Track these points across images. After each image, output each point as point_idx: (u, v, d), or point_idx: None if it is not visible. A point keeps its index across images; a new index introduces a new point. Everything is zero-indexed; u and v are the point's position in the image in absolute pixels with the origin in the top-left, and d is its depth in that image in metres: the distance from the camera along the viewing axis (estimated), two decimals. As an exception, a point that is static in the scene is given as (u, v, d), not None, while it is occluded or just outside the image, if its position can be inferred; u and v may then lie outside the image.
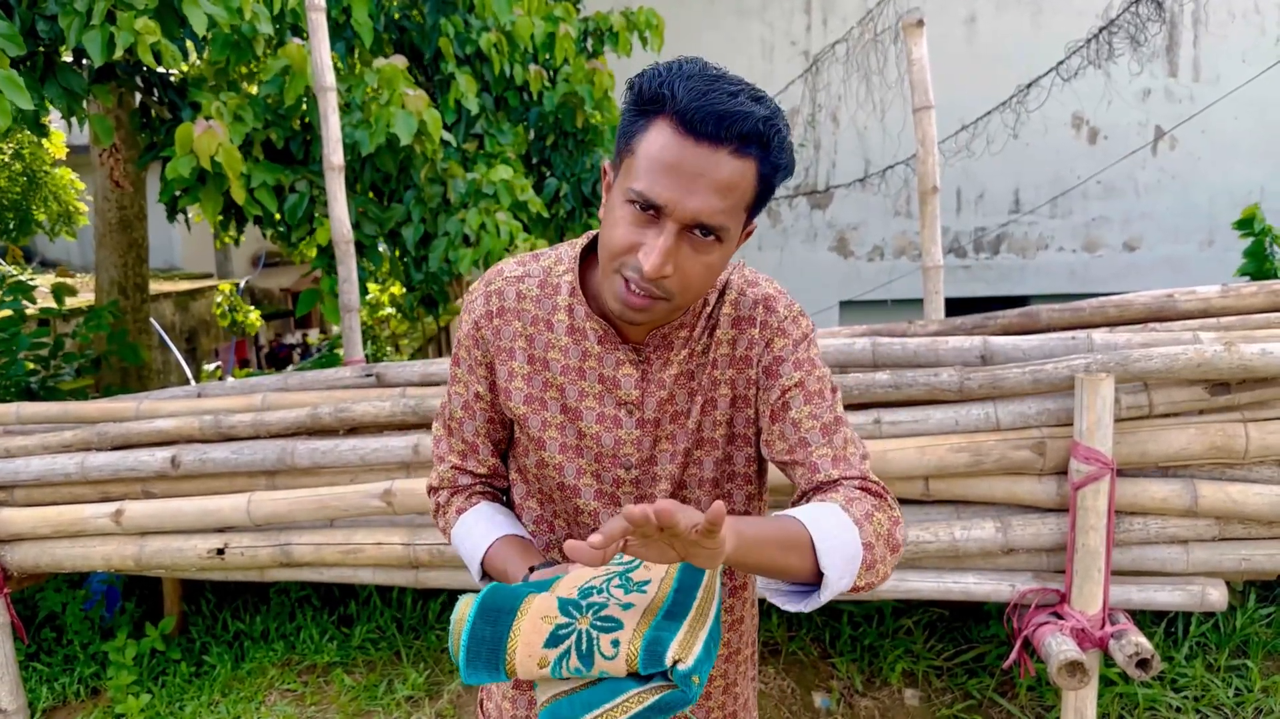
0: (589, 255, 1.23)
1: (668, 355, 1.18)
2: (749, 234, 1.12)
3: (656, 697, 0.92)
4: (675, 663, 0.91)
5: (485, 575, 1.27)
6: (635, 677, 0.93)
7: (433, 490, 1.36)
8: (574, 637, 0.94)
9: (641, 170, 1.00)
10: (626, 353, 1.17)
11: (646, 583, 1.01)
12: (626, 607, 0.97)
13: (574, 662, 0.93)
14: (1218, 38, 7.01)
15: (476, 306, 1.22)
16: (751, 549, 0.93)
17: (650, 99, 1.00)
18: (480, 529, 1.26)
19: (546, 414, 1.20)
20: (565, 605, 0.97)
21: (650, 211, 1.01)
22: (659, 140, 0.99)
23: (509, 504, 1.36)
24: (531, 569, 1.15)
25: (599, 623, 0.95)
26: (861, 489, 1.12)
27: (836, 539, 1.00)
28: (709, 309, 1.19)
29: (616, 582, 1.02)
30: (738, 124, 0.97)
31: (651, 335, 1.17)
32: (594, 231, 1.22)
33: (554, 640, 0.94)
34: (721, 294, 1.21)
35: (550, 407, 1.20)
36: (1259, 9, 6.97)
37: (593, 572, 1.05)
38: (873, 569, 1.05)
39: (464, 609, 1.01)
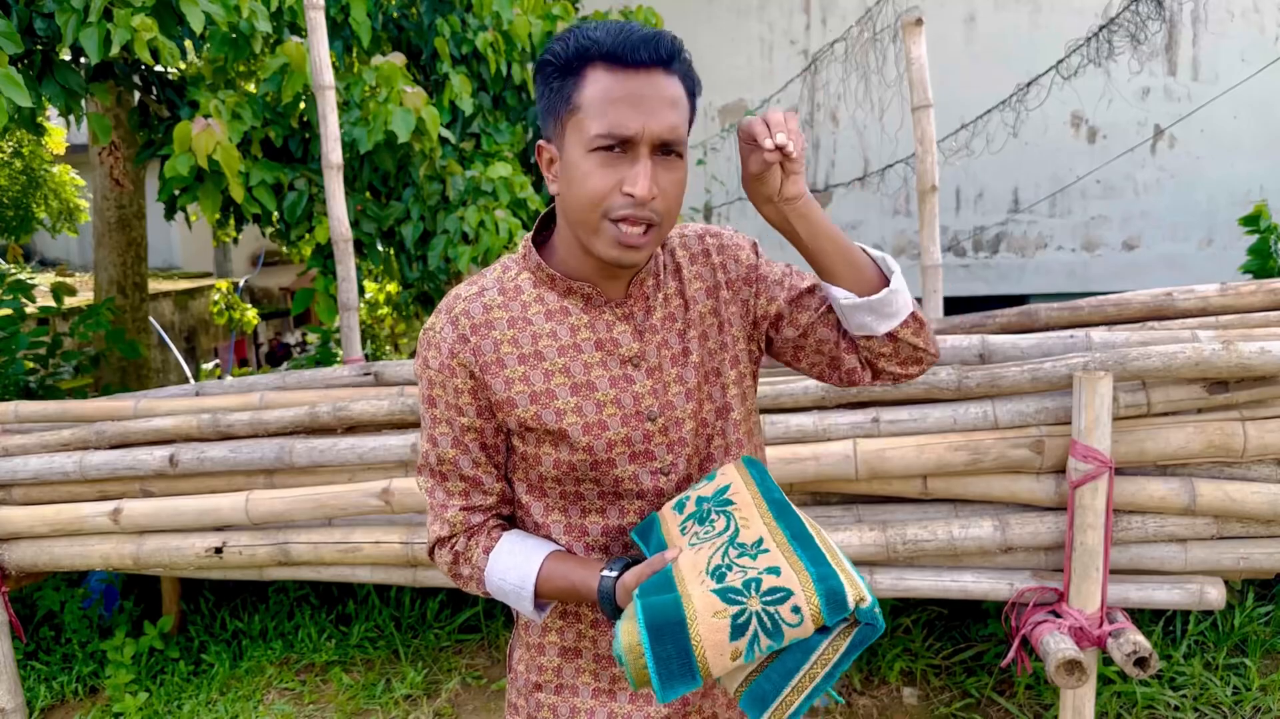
0: (541, 248, 1.27)
1: (647, 304, 1.24)
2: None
3: (848, 640, 0.96)
4: (858, 603, 0.94)
5: (539, 603, 1.23)
6: (819, 630, 0.96)
7: (443, 542, 1.28)
8: (754, 620, 0.95)
9: (596, 115, 1.07)
10: (613, 310, 1.22)
11: (761, 541, 1.03)
12: (773, 570, 0.98)
13: (765, 641, 0.95)
14: (1217, 36, 7.00)
15: (446, 336, 1.20)
16: (820, 217, 1.18)
17: (575, 55, 1.08)
18: (519, 558, 1.22)
19: (558, 403, 1.19)
20: (725, 594, 0.98)
21: (618, 149, 1.07)
22: (601, 83, 1.07)
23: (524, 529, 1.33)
24: (610, 573, 1.13)
25: (767, 597, 0.96)
26: None
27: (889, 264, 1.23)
28: (662, 257, 1.27)
29: (735, 553, 1.03)
30: (660, 44, 1.08)
31: (630, 287, 1.22)
32: (530, 233, 1.26)
33: (737, 631, 0.95)
34: (665, 244, 1.29)
35: (560, 394, 1.20)
36: (1258, 8, 6.97)
37: (697, 556, 1.05)
38: (918, 317, 1.23)
39: (630, 638, 0.99)
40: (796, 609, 0.94)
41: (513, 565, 1.21)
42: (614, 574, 1.13)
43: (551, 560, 1.20)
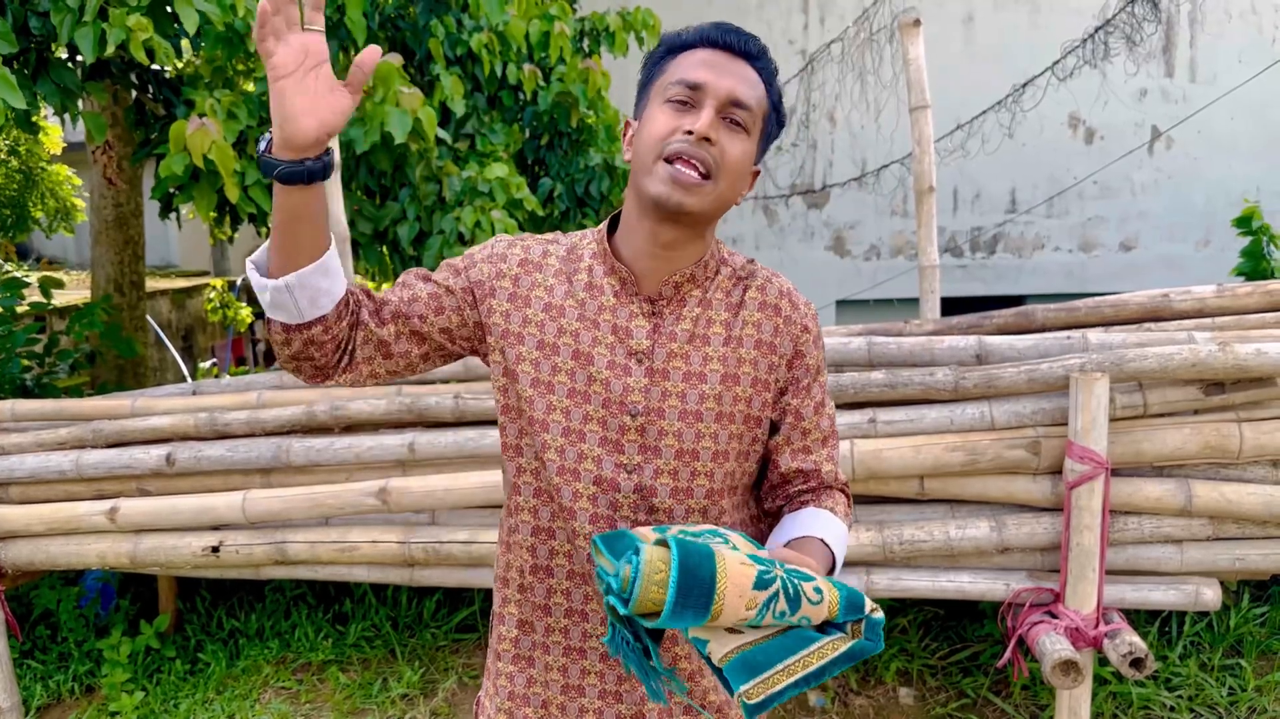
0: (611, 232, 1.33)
1: (680, 310, 1.26)
2: (755, 175, 1.28)
3: (848, 645, 0.98)
4: (872, 611, 1.00)
5: (275, 262, 1.15)
6: (821, 628, 0.99)
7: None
8: (778, 582, 0.96)
9: (678, 71, 1.19)
10: (640, 305, 1.25)
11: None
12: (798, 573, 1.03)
13: (781, 604, 0.96)
14: (1214, 38, 7.02)
15: (500, 251, 1.29)
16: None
17: (682, 41, 1.22)
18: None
19: (557, 359, 1.24)
20: (754, 559, 0.99)
21: (688, 104, 1.17)
22: (694, 56, 1.20)
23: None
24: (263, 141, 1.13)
25: (793, 574, 0.98)
26: (841, 491, 1.36)
27: (841, 552, 1.25)
28: (720, 277, 1.29)
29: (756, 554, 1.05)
30: (755, 42, 1.22)
31: (664, 285, 1.24)
32: (616, 211, 1.32)
33: (762, 584, 0.96)
34: (742, 278, 1.30)
35: (562, 352, 1.24)
36: (1256, 9, 6.98)
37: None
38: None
39: (657, 556, 0.95)
40: (819, 590, 0.97)
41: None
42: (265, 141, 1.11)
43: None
